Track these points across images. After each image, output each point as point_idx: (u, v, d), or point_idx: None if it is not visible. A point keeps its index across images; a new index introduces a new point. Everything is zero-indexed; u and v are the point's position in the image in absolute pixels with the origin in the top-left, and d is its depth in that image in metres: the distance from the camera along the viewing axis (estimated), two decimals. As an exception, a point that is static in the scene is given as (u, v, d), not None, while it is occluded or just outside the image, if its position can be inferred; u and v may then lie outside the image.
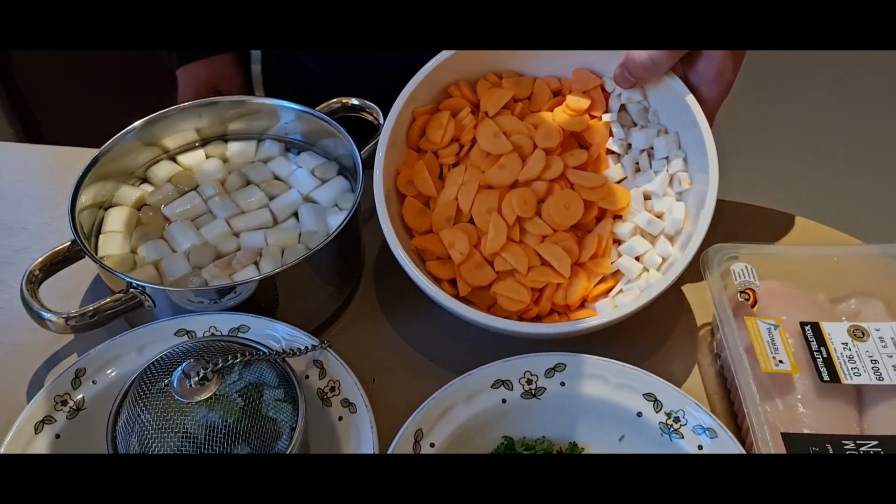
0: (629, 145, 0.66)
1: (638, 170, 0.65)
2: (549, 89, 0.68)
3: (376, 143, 0.68)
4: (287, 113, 0.72)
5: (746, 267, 0.63)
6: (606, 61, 0.65)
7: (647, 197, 0.64)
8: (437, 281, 0.62)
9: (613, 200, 0.64)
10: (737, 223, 0.73)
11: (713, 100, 0.62)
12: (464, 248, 0.61)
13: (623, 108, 0.67)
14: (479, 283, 0.62)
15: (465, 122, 0.66)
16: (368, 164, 0.67)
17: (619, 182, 0.65)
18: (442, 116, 0.66)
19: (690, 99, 0.62)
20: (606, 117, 0.66)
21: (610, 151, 0.66)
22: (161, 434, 0.50)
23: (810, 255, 0.65)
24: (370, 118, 0.73)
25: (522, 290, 0.61)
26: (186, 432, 0.50)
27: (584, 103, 0.66)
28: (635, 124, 0.67)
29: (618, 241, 0.63)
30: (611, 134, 0.66)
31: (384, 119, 0.70)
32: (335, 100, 0.73)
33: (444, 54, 0.65)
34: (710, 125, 0.62)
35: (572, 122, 0.65)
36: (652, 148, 0.65)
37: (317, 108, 0.72)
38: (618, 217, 0.64)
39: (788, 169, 1.93)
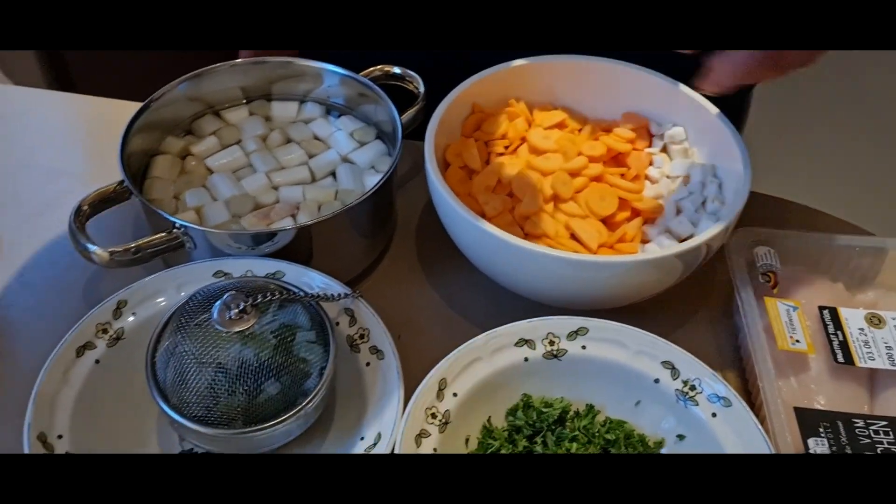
0: (667, 177, 0.69)
1: (673, 191, 0.68)
2: (598, 127, 0.72)
3: (417, 108, 0.71)
4: (331, 76, 0.74)
5: (769, 251, 0.65)
6: (654, 106, 0.71)
7: (678, 211, 0.66)
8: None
9: (647, 204, 0.66)
10: (761, 214, 0.74)
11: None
12: (498, 206, 0.64)
13: (665, 147, 0.71)
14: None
15: (518, 127, 0.70)
16: (407, 130, 0.69)
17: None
18: (499, 116, 0.71)
19: (734, 137, 0.65)
20: (649, 150, 0.70)
21: (647, 177, 0.69)
22: (197, 365, 0.52)
23: (832, 245, 0.66)
24: (410, 87, 0.75)
25: (550, 253, 0.63)
26: (220, 365, 0.52)
27: (630, 134, 0.71)
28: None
29: (645, 241, 0.65)
30: (651, 163, 0.70)
31: (424, 88, 0.73)
32: (377, 67, 0.75)
33: (515, 62, 0.71)
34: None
35: (616, 143, 0.70)
36: (688, 176, 0.68)
37: (359, 74, 0.74)
38: (648, 222, 0.66)
39: (814, 162, 1.97)
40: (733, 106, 0.72)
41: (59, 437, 0.53)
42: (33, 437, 0.52)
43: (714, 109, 0.67)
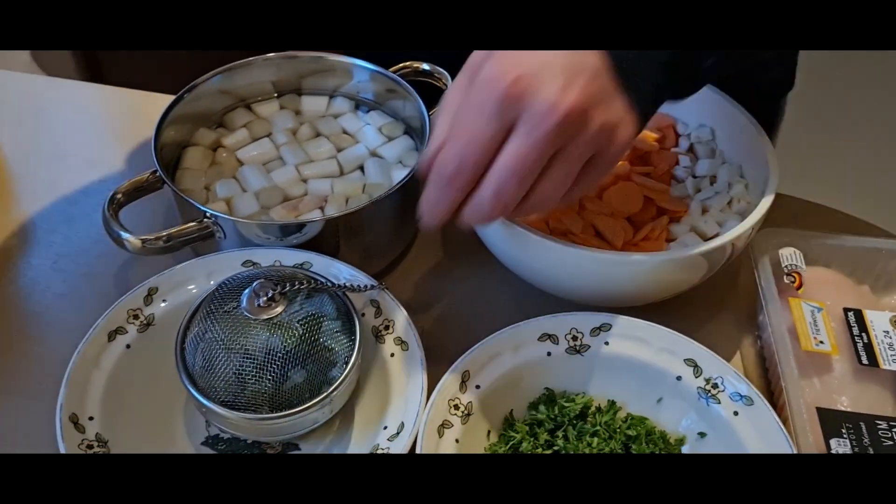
0: (693, 176, 0.69)
1: (699, 190, 0.68)
2: None
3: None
4: (361, 72, 0.75)
5: (795, 252, 0.65)
6: (680, 106, 0.71)
7: (704, 210, 0.66)
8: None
9: (673, 203, 0.66)
10: (787, 216, 0.74)
11: None
12: (523, 204, 0.64)
13: (692, 147, 0.71)
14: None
15: None
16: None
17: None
18: None
19: (762, 139, 0.65)
20: (675, 150, 0.71)
21: (674, 176, 0.70)
22: (225, 351, 0.53)
23: (858, 248, 0.66)
24: (439, 83, 0.76)
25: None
26: (248, 352, 0.53)
27: (657, 134, 0.71)
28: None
29: (670, 240, 0.66)
30: (677, 162, 0.70)
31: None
32: (406, 63, 0.76)
33: None
34: None
35: (642, 143, 0.70)
36: (715, 176, 0.69)
37: (389, 70, 0.74)
38: (674, 221, 0.66)
39: (841, 165, 1.96)
40: (767, 111, 0.72)
41: (90, 418, 0.55)
42: (65, 418, 0.53)
43: (741, 110, 0.68)
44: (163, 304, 0.61)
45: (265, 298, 0.53)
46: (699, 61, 0.50)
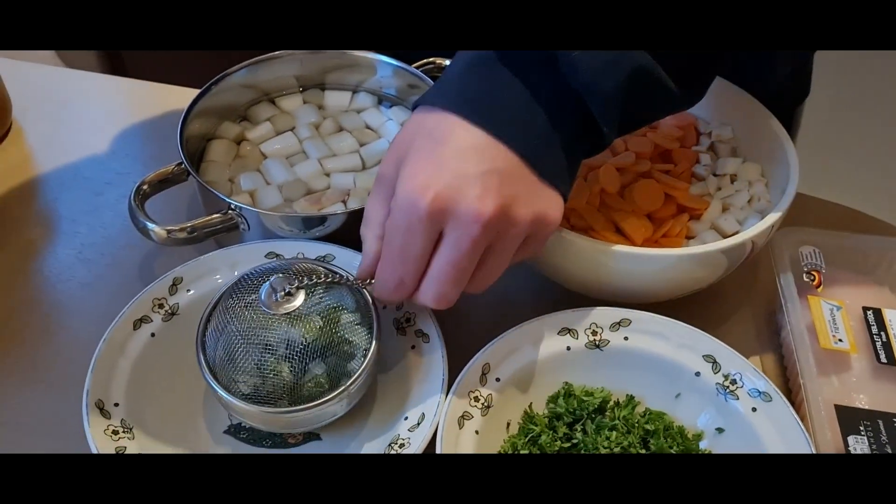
0: (714, 174, 0.70)
1: (719, 188, 0.68)
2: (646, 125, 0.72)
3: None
4: (384, 68, 0.76)
5: (814, 250, 0.65)
6: (701, 105, 0.70)
7: (724, 208, 0.67)
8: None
9: (693, 201, 0.66)
10: (808, 216, 0.74)
11: None
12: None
13: (712, 145, 0.71)
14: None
15: None
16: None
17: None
18: None
19: (783, 138, 0.65)
20: (695, 148, 0.71)
21: (694, 175, 0.70)
22: (245, 344, 0.53)
23: (878, 247, 0.66)
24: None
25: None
26: (268, 345, 0.53)
27: (678, 132, 0.71)
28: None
29: (690, 237, 0.66)
30: (697, 160, 0.70)
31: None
32: (429, 59, 0.76)
33: None
34: None
35: (663, 141, 0.70)
36: (735, 174, 0.69)
37: (412, 66, 0.75)
38: (694, 218, 0.67)
39: (862, 166, 1.96)
40: (785, 112, 0.72)
41: (116, 404, 0.56)
42: (91, 404, 0.54)
43: (763, 109, 0.68)
44: (187, 294, 0.62)
45: (282, 293, 0.53)
46: (600, 131, 0.52)
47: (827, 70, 0.75)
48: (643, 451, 0.56)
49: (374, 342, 0.56)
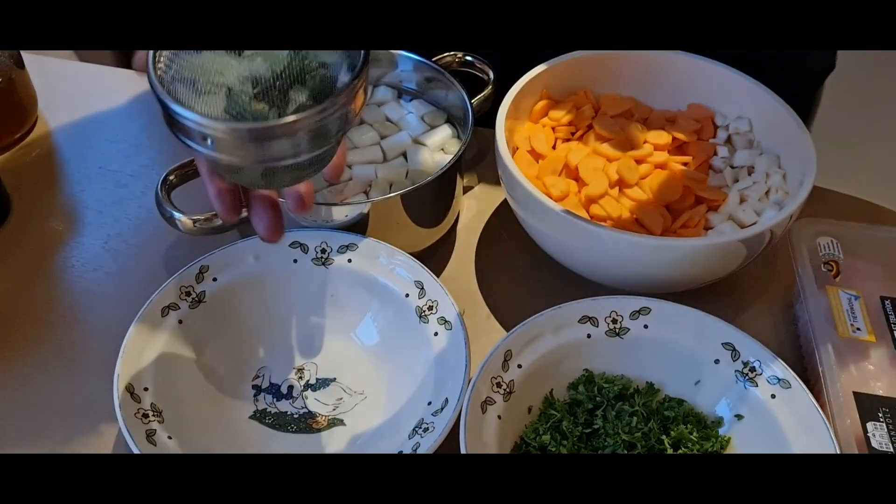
0: (731, 166, 0.70)
1: (736, 180, 0.69)
2: (663, 117, 0.74)
3: (486, 94, 0.73)
4: (404, 62, 0.77)
5: (832, 240, 0.66)
6: (718, 98, 0.72)
7: (742, 200, 0.67)
8: (533, 224, 0.66)
9: (711, 192, 0.67)
10: (825, 209, 0.75)
11: None
12: (564, 189, 0.65)
13: (730, 138, 0.72)
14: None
15: (585, 114, 0.73)
16: (476, 115, 0.71)
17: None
18: (566, 104, 0.73)
19: (800, 129, 0.66)
20: (713, 140, 0.72)
21: (711, 167, 0.71)
22: (204, 97, 0.46)
23: (895, 238, 0.67)
24: (481, 74, 0.77)
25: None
26: (231, 90, 0.46)
27: (695, 125, 0.72)
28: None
29: (708, 228, 0.66)
30: (715, 153, 0.71)
31: (494, 74, 0.75)
32: (449, 53, 0.77)
33: (584, 52, 0.73)
34: None
35: (681, 133, 0.71)
36: (753, 166, 0.70)
37: (432, 60, 0.76)
38: (712, 210, 0.67)
39: (881, 158, 1.96)
40: (802, 101, 0.73)
41: (146, 389, 0.57)
42: (122, 388, 0.55)
43: (780, 101, 0.68)
44: (213, 282, 0.63)
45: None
46: None
47: (843, 66, 0.75)
48: (663, 437, 0.56)
49: (361, 57, 0.47)
